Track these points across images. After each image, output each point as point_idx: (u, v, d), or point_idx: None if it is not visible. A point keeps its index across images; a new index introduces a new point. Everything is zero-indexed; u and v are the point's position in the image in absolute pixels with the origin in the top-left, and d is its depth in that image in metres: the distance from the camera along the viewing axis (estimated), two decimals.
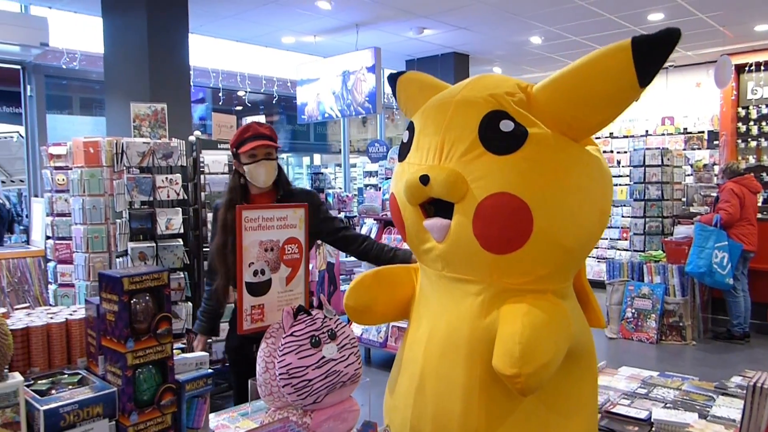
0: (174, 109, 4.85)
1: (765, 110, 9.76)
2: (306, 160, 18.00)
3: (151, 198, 4.27)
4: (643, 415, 2.39)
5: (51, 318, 1.53)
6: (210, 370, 1.51)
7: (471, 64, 9.99)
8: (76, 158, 4.41)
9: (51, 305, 3.42)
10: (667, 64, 10.84)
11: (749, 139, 9.82)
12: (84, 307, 1.56)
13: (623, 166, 9.98)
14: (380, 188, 8.02)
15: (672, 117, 10.30)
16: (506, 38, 8.66)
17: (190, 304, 4.48)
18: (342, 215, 7.95)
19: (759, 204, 6.60)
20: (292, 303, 1.82)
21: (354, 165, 13.26)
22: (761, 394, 1.83)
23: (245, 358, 2.49)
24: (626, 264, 6.85)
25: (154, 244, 4.25)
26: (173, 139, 4.47)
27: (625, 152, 10.04)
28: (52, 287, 4.80)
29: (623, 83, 1.57)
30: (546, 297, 1.72)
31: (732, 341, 6.26)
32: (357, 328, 5.55)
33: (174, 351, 1.44)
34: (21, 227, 6.74)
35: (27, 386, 1.33)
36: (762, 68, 9.70)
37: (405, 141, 1.93)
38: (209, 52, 8.30)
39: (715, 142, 9.88)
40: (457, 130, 1.73)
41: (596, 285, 9.15)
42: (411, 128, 1.93)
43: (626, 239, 9.50)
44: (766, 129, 9.75)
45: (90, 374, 1.45)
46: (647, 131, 10.29)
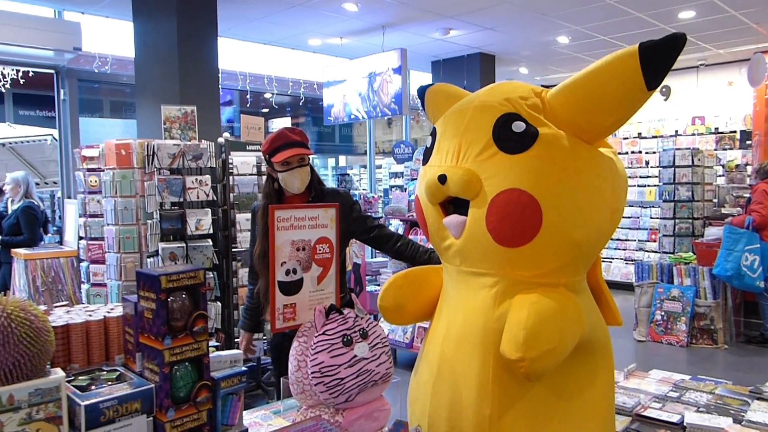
0: (203, 112, 4.92)
1: None
2: (331, 162, 18.09)
3: (181, 199, 4.33)
4: (676, 419, 2.36)
5: (90, 316, 1.57)
6: (244, 368, 1.52)
7: (497, 65, 9.94)
8: (109, 160, 4.49)
9: (83, 304, 3.49)
10: (698, 63, 10.70)
11: None
12: (121, 305, 1.60)
13: (652, 167, 9.83)
14: (406, 189, 8.02)
15: (703, 117, 10.13)
16: (533, 38, 8.60)
17: (219, 304, 4.53)
18: None
19: None
20: (323, 302, 1.83)
21: (379, 166, 13.28)
22: None
23: (285, 354, 2.56)
24: (655, 266, 6.75)
25: (184, 245, 4.31)
26: (203, 141, 4.53)
27: (654, 153, 9.89)
28: (85, 287, 4.89)
29: (632, 87, 1.67)
30: (558, 290, 1.80)
31: (765, 345, 6.12)
32: (383, 328, 5.55)
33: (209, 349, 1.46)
34: (54, 228, 6.89)
35: (68, 382, 1.37)
36: None
37: (428, 146, 2.05)
38: (237, 55, 8.38)
39: (748, 142, 9.67)
40: (474, 133, 1.84)
41: (624, 287, 9.08)
42: (434, 133, 2.05)
43: (655, 241, 9.36)
44: None
45: (128, 371, 1.48)
46: (677, 131, 10.13)
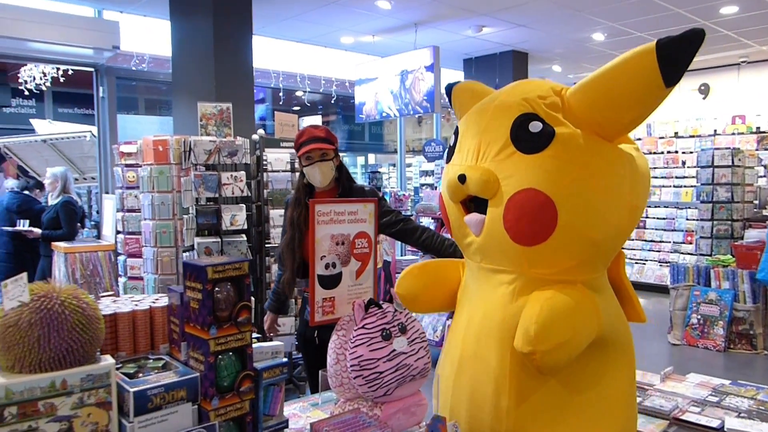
0: (238, 109, 4.98)
1: None
2: (360, 160, 18.16)
3: (217, 195, 4.39)
4: (715, 424, 2.32)
5: (136, 305, 1.60)
6: (285, 360, 1.54)
7: (530, 63, 9.85)
8: (146, 156, 4.57)
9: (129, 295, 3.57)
10: (739, 60, 10.45)
11: None
12: (166, 296, 1.63)
13: (689, 167, 9.64)
14: (436, 188, 8.02)
15: (744, 115, 9.88)
16: (567, 35, 8.50)
17: (253, 299, 4.59)
18: None
19: None
20: (362, 296, 1.84)
21: (409, 165, 13.27)
22: None
23: (310, 342, 2.84)
24: (692, 268, 6.61)
25: (219, 240, 4.37)
26: (238, 138, 4.59)
27: (691, 152, 9.69)
28: (122, 280, 5.00)
29: (650, 84, 1.67)
30: (575, 287, 1.82)
31: None
32: None
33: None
34: (92, 222, 7.05)
35: (116, 369, 1.40)
36: None
37: (452, 144, 2.09)
38: (270, 53, 8.46)
39: None
40: (493, 133, 1.87)
41: (658, 289, 8.93)
42: (456, 132, 2.08)
43: (691, 243, 9.17)
44: None
45: (173, 360, 1.51)
46: (716, 131, 9.91)
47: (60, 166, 6.08)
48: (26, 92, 9.23)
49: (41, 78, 8.67)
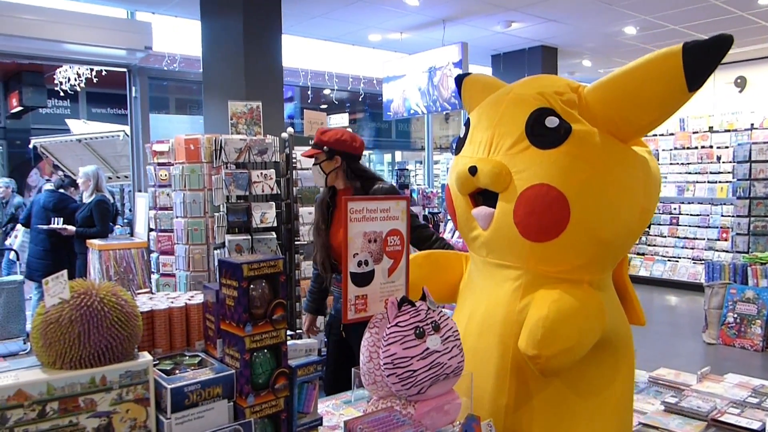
0: (267, 107, 5.01)
1: None
2: (387, 157, 18.16)
3: (247, 192, 4.42)
4: (756, 426, 2.26)
5: (172, 302, 1.62)
6: (319, 357, 1.55)
7: (559, 58, 9.73)
8: (178, 155, 4.63)
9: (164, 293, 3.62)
10: None
11: None
12: (201, 293, 1.64)
13: (724, 162, 9.42)
14: None
15: None
16: (598, 29, 8.38)
17: None
18: (425, 211, 7.96)
19: None
20: (394, 294, 1.83)
21: (436, 162, 13.23)
22: None
23: (335, 329, 3.05)
24: (728, 266, 6.47)
25: (250, 237, 4.41)
26: (267, 136, 4.62)
27: (727, 147, 9.47)
28: (155, 276, 5.07)
29: (673, 87, 1.64)
30: (581, 287, 1.80)
31: None
32: None
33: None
34: (125, 220, 7.17)
35: (153, 365, 1.42)
36: None
37: (462, 136, 2.06)
38: (298, 52, 8.50)
39: None
40: (507, 126, 1.85)
41: (692, 287, 8.77)
42: (468, 124, 2.06)
43: (726, 240, 8.98)
44: None
45: (208, 356, 1.53)
46: (752, 125, 9.66)
47: (92, 165, 6.19)
48: (61, 93, 9.44)
49: (76, 79, 8.86)
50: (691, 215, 9.62)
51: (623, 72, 1.74)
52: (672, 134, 10.06)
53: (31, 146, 8.12)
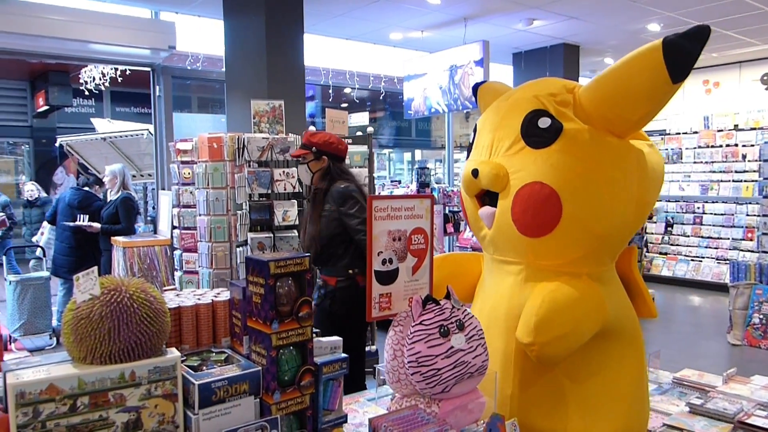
0: (290, 106, 5.03)
1: None
2: (407, 156, 18.14)
3: (269, 191, 4.45)
4: None
5: (198, 299, 1.64)
6: (344, 355, 1.55)
7: (581, 56, 9.63)
8: (201, 153, 4.67)
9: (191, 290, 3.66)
10: None
11: None
12: (228, 290, 1.66)
13: (750, 161, 9.26)
14: None
15: None
16: (620, 26, 8.28)
17: None
18: (446, 210, 7.93)
19: None
20: (418, 292, 1.83)
21: (457, 160, 13.17)
22: None
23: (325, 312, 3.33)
24: (753, 266, 6.36)
25: (272, 235, 4.43)
26: (290, 135, 4.64)
27: (753, 145, 9.31)
28: (178, 274, 5.12)
29: (657, 81, 1.71)
30: (581, 278, 1.88)
31: None
32: None
33: None
34: (149, 217, 7.26)
35: (180, 361, 1.43)
36: None
37: (471, 141, 2.19)
38: (319, 51, 8.53)
39: None
40: (505, 129, 1.96)
41: (716, 288, 8.64)
42: (475, 129, 2.17)
43: (752, 239, 8.82)
44: None
45: (234, 353, 1.54)
46: None
47: (118, 164, 6.27)
48: (86, 92, 9.59)
49: (100, 78, 8.99)
50: (716, 214, 9.47)
51: (611, 70, 1.81)
52: (696, 132, 9.91)
53: (57, 145, 8.25)
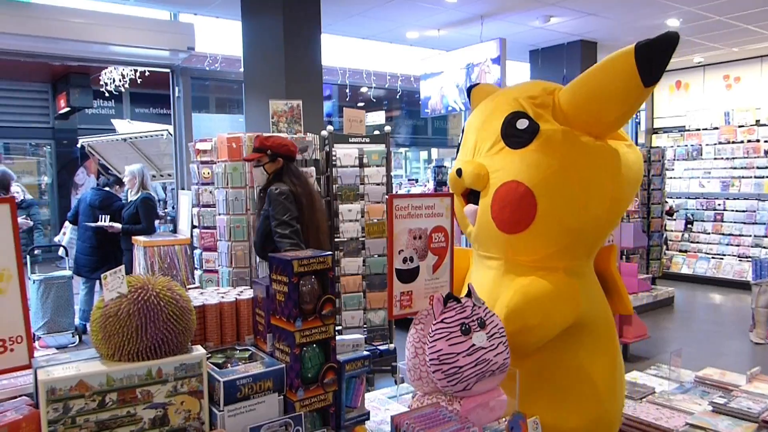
0: (307, 106, 5.05)
1: None
2: (423, 155, 18.11)
3: None
4: None
5: (222, 297, 1.66)
6: (367, 353, 1.56)
7: (599, 52, 9.54)
8: (220, 153, 4.71)
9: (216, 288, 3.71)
10: None
11: None
12: (251, 288, 1.68)
13: None
14: None
15: None
16: (639, 22, 8.19)
17: None
18: None
19: None
20: (439, 291, 1.84)
21: None
22: None
23: None
24: None
25: None
26: (308, 134, 4.66)
27: None
28: (198, 273, 5.17)
29: (630, 84, 1.81)
30: (556, 273, 1.97)
31: None
32: None
33: None
34: (169, 217, 7.33)
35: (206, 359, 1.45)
36: None
37: (460, 141, 2.30)
38: (336, 51, 8.55)
39: None
40: (487, 130, 2.07)
41: (738, 285, 8.53)
42: (463, 130, 2.30)
43: None
44: None
45: (258, 351, 1.56)
46: None
47: (137, 164, 6.33)
48: (106, 94, 9.70)
49: (120, 80, 9.09)
50: (737, 211, 9.35)
51: (587, 74, 1.91)
52: (716, 128, 9.79)
53: (79, 146, 8.35)
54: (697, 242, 9.65)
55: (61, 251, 6.77)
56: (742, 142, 9.57)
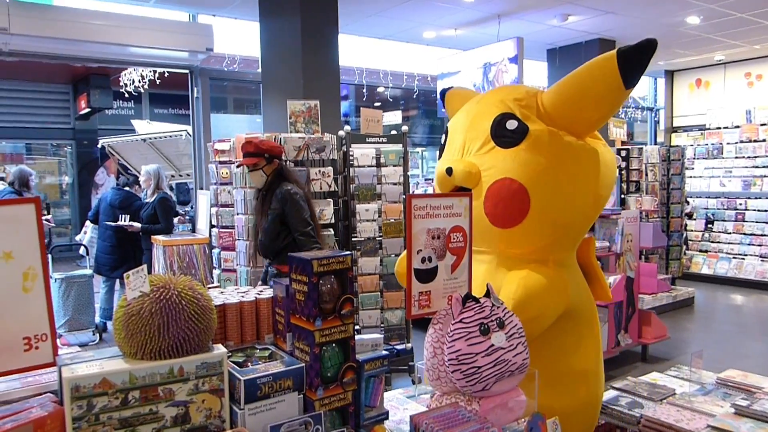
0: (325, 106, 5.07)
1: None
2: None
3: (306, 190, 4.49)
4: None
5: (242, 297, 1.67)
6: (386, 352, 1.57)
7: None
8: (239, 153, 4.73)
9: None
10: None
11: None
12: (271, 287, 1.69)
13: None
14: None
15: None
16: (658, 20, 8.10)
17: None
18: None
19: None
20: (457, 291, 1.84)
21: None
22: None
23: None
24: None
25: None
26: (325, 134, 4.67)
27: None
28: (216, 272, 5.21)
29: (612, 86, 1.97)
30: (547, 264, 2.11)
31: None
32: None
33: None
34: (187, 217, 7.39)
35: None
36: None
37: (442, 143, 2.42)
38: (353, 51, 8.56)
39: None
40: (475, 131, 2.19)
41: (759, 286, 8.40)
42: (446, 132, 2.40)
43: None
44: None
45: (278, 350, 1.57)
46: None
47: (153, 164, 6.39)
48: (126, 95, 9.81)
49: (139, 81, 9.19)
50: (759, 211, 9.22)
51: (570, 77, 2.06)
52: (737, 127, 9.66)
53: (99, 146, 8.46)
54: (718, 242, 9.53)
55: (82, 250, 6.86)
56: (764, 141, 9.43)
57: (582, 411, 2.23)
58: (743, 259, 9.12)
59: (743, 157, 9.52)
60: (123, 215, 6.08)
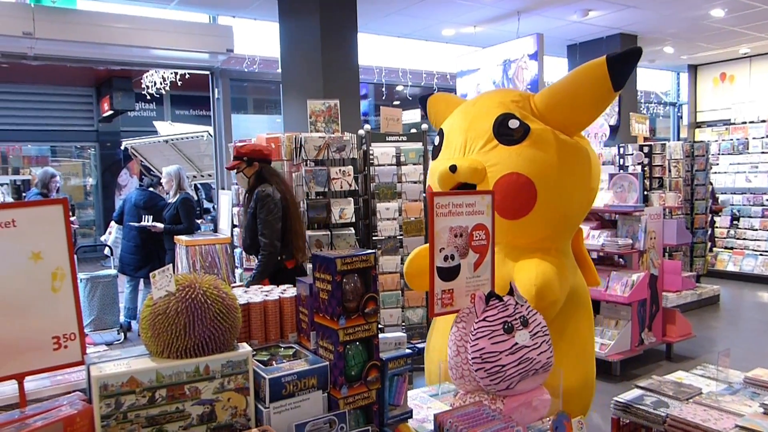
0: (345, 105, 5.08)
1: None
2: None
3: (326, 189, 4.51)
4: None
5: (266, 296, 1.68)
6: (409, 351, 1.57)
7: (639, 45, 9.35)
8: None
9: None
10: None
11: None
12: (295, 287, 1.70)
13: None
14: None
15: None
16: (681, 14, 7.99)
17: None
18: None
19: None
20: (480, 289, 1.83)
21: None
22: None
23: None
24: None
25: (329, 233, 4.49)
26: (345, 133, 4.68)
27: None
28: (238, 271, 5.25)
29: (602, 89, 2.20)
30: (551, 252, 2.30)
31: None
32: None
33: None
34: (210, 216, 7.46)
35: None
36: None
37: (436, 144, 2.56)
38: (372, 50, 8.56)
39: None
40: (477, 130, 2.35)
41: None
42: (441, 134, 2.55)
43: None
44: None
45: (302, 348, 1.58)
46: None
47: (174, 165, 6.46)
48: (148, 97, 9.93)
49: (161, 83, 9.29)
50: None
51: (562, 81, 2.29)
52: (764, 121, 9.49)
53: (122, 148, 8.56)
54: (744, 239, 9.36)
55: (107, 250, 6.96)
56: None
57: (581, 390, 2.37)
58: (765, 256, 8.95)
59: None
60: (146, 216, 6.16)
